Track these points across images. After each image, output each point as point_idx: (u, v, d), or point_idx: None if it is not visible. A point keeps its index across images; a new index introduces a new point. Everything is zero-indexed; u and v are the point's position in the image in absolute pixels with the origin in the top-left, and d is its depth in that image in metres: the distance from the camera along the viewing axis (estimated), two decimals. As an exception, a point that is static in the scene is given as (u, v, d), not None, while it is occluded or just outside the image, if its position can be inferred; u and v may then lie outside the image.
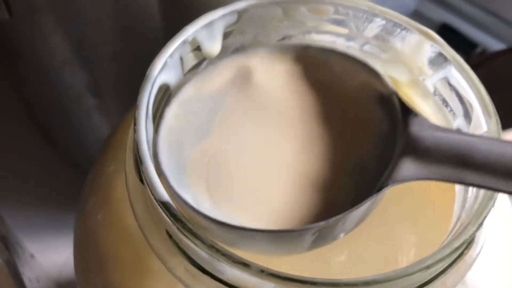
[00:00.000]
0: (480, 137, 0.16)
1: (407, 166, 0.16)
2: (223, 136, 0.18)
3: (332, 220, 0.16)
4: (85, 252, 0.21)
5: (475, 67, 0.50)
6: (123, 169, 0.18)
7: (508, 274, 0.19)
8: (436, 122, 0.17)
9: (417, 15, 0.50)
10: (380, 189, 0.16)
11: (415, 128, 0.17)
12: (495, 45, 0.49)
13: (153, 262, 0.17)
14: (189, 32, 0.19)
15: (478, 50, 0.48)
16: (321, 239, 0.16)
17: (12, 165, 0.41)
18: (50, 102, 0.36)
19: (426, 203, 0.20)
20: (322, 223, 0.16)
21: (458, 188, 0.18)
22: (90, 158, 0.37)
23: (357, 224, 0.17)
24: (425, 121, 0.17)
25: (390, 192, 0.19)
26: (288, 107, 0.19)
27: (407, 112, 0.17)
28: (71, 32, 0.29)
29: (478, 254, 0.16)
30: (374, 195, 0.16)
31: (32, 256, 0.34)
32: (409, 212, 0.20)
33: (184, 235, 0.14)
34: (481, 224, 0.15)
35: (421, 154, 0.16)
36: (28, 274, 0.29)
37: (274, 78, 0.19)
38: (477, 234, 0.16)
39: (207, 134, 0.18)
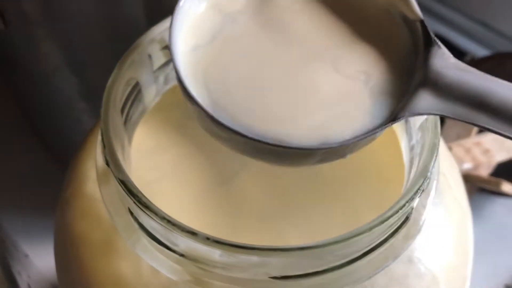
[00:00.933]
0: (499, 80, 0.16)
1: (425, 99, 0.16)
2: (226, 45, 0.17)
3: (345, 142, 0.16)
4: (62, 241, 0.22)
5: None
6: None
7: (455, 256, 0.20)
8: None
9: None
10: (395, 119, 0.16)
11: (437, 62, 0.16)
12: (484, 54, 0.50)
13: (120, 243, 0.19)
14: (156, 31, 0.20)
15: (467, 58, 0.49)
16: (328, 157, 0.17)
17: (8, 168, 0.42)
18: (44, 107, 0.37)
19: (382, 183, 0.21)
20: (334, 144, 0.16)
21: (406, 166, 0.19)
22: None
23: (363, 147, 0.17)
24: (448, 56, 0.16)
25: (348, 169, 0.20)
26: (305, 22, 0.18)
27: (431, 42, 0.17)
28: (61, 39, 0.30)
29: (418, 231, 0.17)
30: (389, 123, 0.16)
31: (26, 256, 0.35)
32: (367, 193, 0.21)
33: (140, 209, 0.16)
34: (410, 199, 0.16)
35: (440, 89, 0.16)
36: (19, 269, 0.30)
37: None
38: (414, 212, 0.17)
39: (211, 43, 0.18)
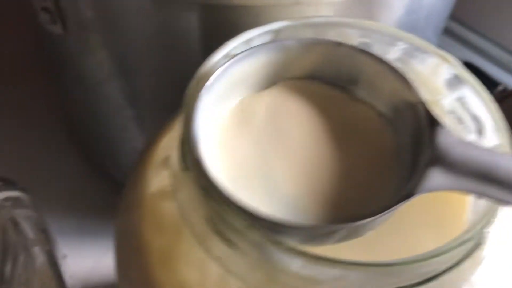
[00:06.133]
0: (503, 154, 0.17)
1: (435, 177, 0.17)
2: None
3: (364, 221, 0.17)
4: (125, 247, 0.23)
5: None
6: (159, 169, 0.20)
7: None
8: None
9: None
10: (408, 197, 0.17)
11: (442, 140, 0.18)
12: (517, 85, 0.50)
13: (185, 250, 0.19)
14: (230, 47, 0.21)
15: (500, 88, 0.49)
16: (347, 236, 0.18)
17: (50, 176, 0.43)
18: (91, 114, 0.38)
19: (447, 213, 0.21)
20: (354, 224, 0.17)
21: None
22: (123, 168, 0.39)
23: (380, 224, 0.18)
24: (450, 134, 0.18)
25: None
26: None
27: (434, 123, 0.18)
28: (116, 47, 0.31)
29: (484, 257, 0.18)
30: (403, 202, 0.17)
31: (64, 256, 0.36)
32: (431, 223, 0.21)
33: (221, 215, 0.16)
34: (482, 229, 0.16)
35: (448, 166, 0.17)
36: (63, 268, 0.31)
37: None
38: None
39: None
